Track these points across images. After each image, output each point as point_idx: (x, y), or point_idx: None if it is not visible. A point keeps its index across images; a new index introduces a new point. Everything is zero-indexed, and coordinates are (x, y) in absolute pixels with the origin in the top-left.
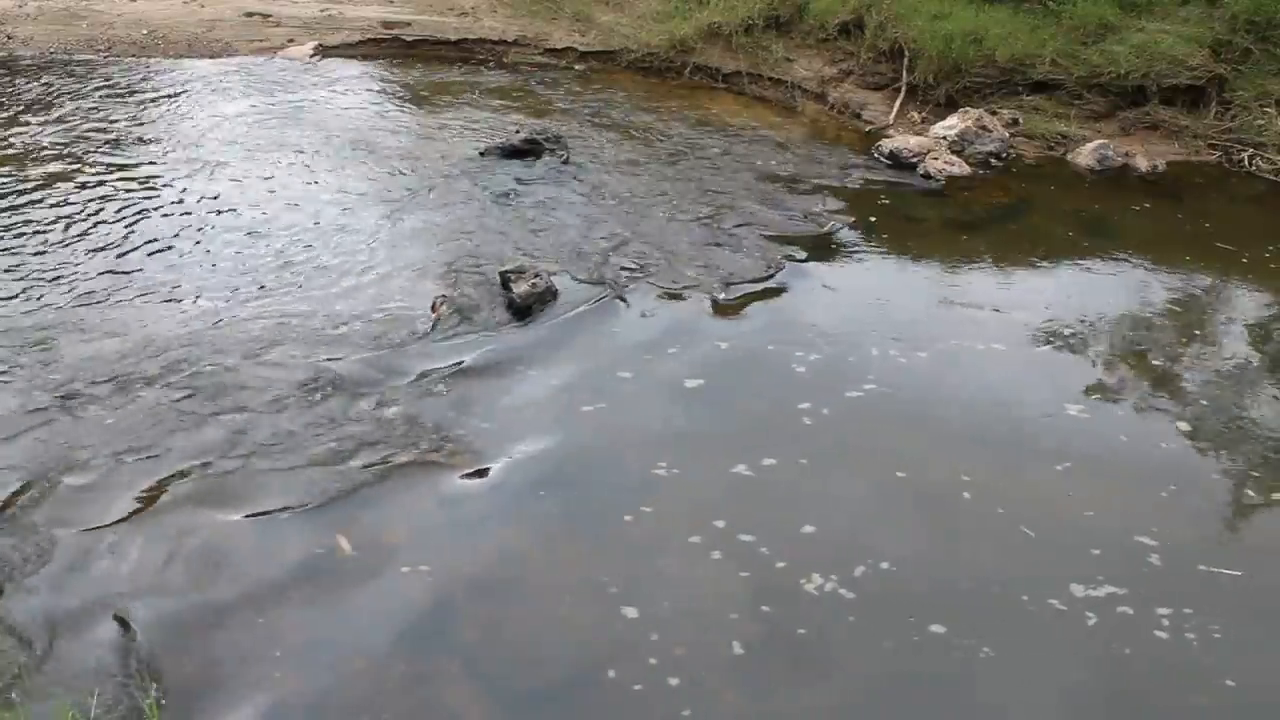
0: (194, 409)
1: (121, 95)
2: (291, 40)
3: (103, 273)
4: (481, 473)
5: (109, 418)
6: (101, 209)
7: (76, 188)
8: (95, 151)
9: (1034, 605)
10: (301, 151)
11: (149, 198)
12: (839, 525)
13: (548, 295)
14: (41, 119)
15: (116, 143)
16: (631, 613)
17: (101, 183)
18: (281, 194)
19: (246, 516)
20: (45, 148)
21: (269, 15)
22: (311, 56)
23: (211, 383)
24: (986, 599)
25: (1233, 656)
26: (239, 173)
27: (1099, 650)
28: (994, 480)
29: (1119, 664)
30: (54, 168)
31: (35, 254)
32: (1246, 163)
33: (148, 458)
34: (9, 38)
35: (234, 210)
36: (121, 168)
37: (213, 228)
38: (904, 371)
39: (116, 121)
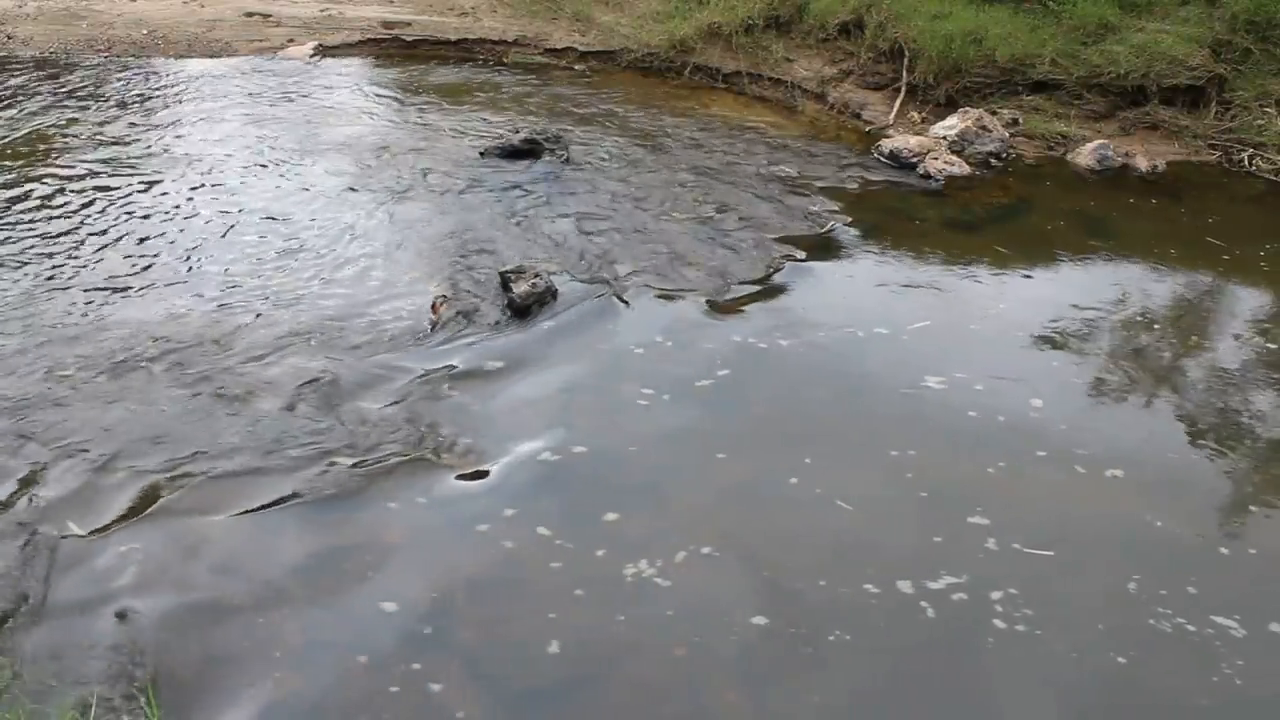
0: (191, 407)
1: (120, 95)
2: (291, 40)
3: (100, 270)
4: (481, 473)
5: (106, 416)
6: (104, 208)
7: (75, 188)
8: (94, 150)
9: (847, 589)
10: (300, 151)
11: (146, 197)
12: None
13: (548, 295)
14: (40, 117)
15: (115, 142)
16: (631, 613)
17: (99, 185)
18: (280, 194)
19: (246, 516)
20: (43, 146)
21: (269, 15)
22: (311, 56)
23: (210, 381)
24: (810, 586)
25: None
26: (237, 172)
27: (931, 634)
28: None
29: (950, 646)
30: (51, 166)
31: (31, 250)
32: (1246, 163)
33: (145, 456)
34: (9, 37)
35: (232, 210)
36: (120, 167)
37: (211, 227)
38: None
39: (115, 121)
